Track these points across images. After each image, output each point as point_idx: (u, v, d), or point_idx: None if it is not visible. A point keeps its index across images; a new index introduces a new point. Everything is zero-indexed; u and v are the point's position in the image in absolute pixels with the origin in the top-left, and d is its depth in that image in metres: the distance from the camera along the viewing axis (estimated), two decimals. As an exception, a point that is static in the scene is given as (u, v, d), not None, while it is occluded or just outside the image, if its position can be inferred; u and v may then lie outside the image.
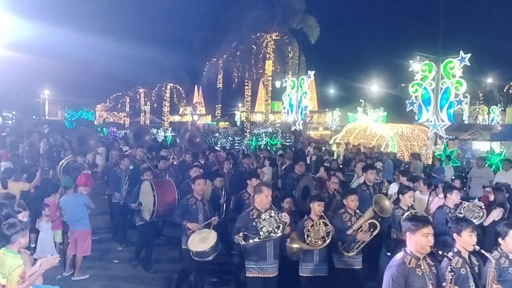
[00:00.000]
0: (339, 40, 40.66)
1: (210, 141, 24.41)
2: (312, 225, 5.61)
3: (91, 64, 37.12)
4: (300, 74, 21.67)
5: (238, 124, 40.64)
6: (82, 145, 13.24)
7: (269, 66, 30.48)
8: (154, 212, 7.38)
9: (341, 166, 13.32)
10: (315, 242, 5.54)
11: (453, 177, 11.50)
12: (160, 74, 40.81)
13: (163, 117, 45.03)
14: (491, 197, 7.58)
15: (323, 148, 19.22)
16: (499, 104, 35.83)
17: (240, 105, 42.11)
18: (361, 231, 5.80)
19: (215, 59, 34.56)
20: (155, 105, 47.33)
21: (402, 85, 28.59)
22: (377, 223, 5.87)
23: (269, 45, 30.26)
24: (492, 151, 15.37)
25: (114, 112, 52.25)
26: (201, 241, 6.05)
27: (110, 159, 15.31)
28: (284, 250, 5.64)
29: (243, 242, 5.16)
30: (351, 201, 5.99)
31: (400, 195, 6.60)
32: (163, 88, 44.49)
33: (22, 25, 19.72)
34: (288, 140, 24.90)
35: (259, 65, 31.43)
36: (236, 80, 33.32)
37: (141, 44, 36.31)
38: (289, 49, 30.00)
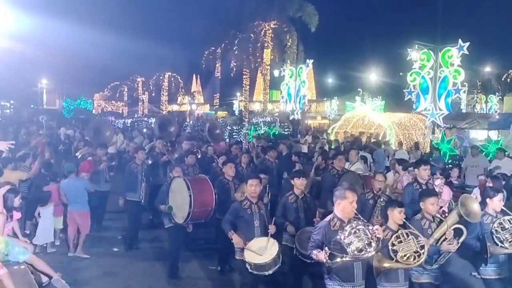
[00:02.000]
0: (337, 29, 40.47)
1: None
2: (398, 238, 4.63)
3: (89, 53, 36.93)
4: (299, 63, 21.66)
5: (236, 114, 40.60)
6: (98, 136, 12.34)
7: (267, 55, 30.40)
8: (190, 214, 6.58)
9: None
10: (407, 259, 4.55)
11: None
12: (158, 63, 40.71)
13: (161, 106, 44.95)
14: (489, 185, 7.64)
15: (321, 137, 19.29)
16: (497, 93, 35.82)
17: (238, 94, 42.04)
18: (444, 239, 4.88)
19: (213, 48, 34.47)
20: (153, 94, 47.23)
21: (401, 74, 28.55)
22: (463, 228, 4.96)
23: (267, 34, 30.16)
24: (490, 140, 15.45)
25: (112, 101, 52.06)
26: (260, 251, 5.36)
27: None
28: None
29: (328, 261, 4.24)
30: (431, 205, 5.01)
31: (488, 199, 5.48)
32: (161, 77, 44.36)
33: (20, 16, 19.60)
34: (286, 130, 24.94)
35: (258, 54, 31.35)
36: (234, 69, 33.26)
37: (138, 33, 36.14)
38: (288, 38, 29.88)
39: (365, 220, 4.48)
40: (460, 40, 13.59)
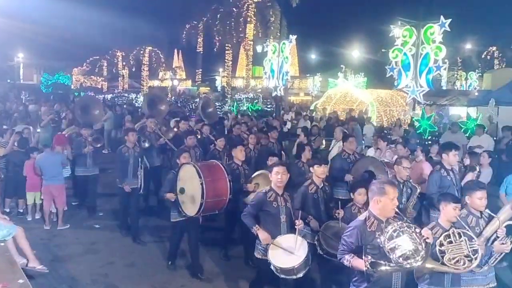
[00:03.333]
0: (320, 5, 40.06)
1: (191, 107, 24.27)
2: (448, 237, 3.99)
3: (67, 27, 35.97)
4: (282, 39, 21.45)
5: (219, 90, 40.34)
6: (85, 115, 11.23)
7: (250, 30, 30.08)
8: (202, 205, 5.77)
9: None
10: (455, 262, 3.91)
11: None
12: (138, 38, 39.93)
13: (142, 81, 44.37)
14: (467, 161, 7.80)
15: (304, 114, 19.34)
16: (476, 70, 36.31)
17: (220, 70, 41.66)
18: (495, 238, 4.25)
19: (195, 22, 33.90)
20: (133, 69, 46.47)
21: (383, 50, 28.61)
22: None
23: (250, 8, 29.77)
24: (469, 117, 15.70)
25: (92, 76, 51.03)
26: (287, 252, 4.70)
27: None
28: None
29: (370, 270, 3.55)
30: (479, 200, 4.34)
31: None
32: (141, 52, 43.62)
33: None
34: (269, 106, 24.92)
35: (240, 29, 31.00)
36: (216, 44, 32.85)
37: (118, 6, 35.16)
38: (271, 13, 29.57)
39: (409, 221, 3.82)
40: (442, 17, 13.61)
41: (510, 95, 16.14)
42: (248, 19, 30.18)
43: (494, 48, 38.96)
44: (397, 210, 3.80)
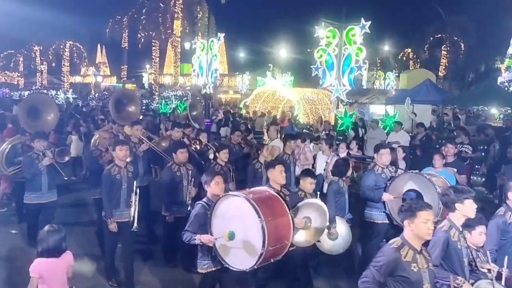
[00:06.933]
0: (248, 3, 40.44)
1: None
2: None
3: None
4: (210, 36, 21.34)
5: (146, 87, 39.38)
6: (34, 121, 8.50)
7: (177, 26, 29.70)
8: (262, 256, 4.00)
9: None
10: None
11: None
12: (58, 31, 37.77)
13: (62, 77, 42.18)
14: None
15: (233, 112, 19.46)
16: (394, 70, 38.68)
17: (147, 66, 40.67)
18: None
19: (119, 17, 32.76)
20: (53, 65, 44.02)
21: (309, 50, 29.52)
22: None
23: (177, 4, 29.33)
24: (387, 114, 16.67)
25: (6, 72, 47.59)
26: None
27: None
28: None
29: None
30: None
31: None
32: (61, 46, 41.43)
33: None
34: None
35: (167, 25, 30.47)
36: (142, 40, 32.04)
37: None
38: (198, 9, 29.38)
39: None
40: (362, 19, 14.27)
41: (424, 94, 17.37)
42: (175, 15, 29.74)
43: (409, 50, 41.78)
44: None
